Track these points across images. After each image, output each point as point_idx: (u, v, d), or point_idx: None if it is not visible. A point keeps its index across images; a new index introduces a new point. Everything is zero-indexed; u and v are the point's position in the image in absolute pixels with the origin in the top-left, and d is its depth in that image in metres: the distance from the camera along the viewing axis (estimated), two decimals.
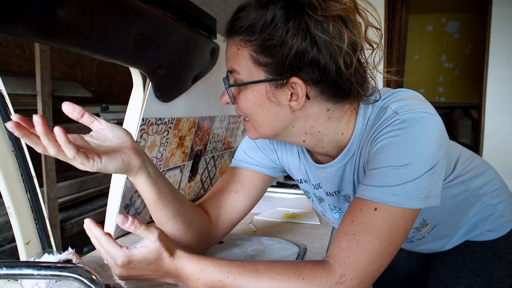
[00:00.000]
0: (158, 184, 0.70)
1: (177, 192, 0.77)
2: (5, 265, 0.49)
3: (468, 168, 0.87)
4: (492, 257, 0.92)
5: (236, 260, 0.65)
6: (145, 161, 0.67)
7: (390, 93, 0.73)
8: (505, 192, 0.94)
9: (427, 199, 0.62)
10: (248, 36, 0.66)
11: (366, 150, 0.70)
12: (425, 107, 0.66)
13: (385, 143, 0.64)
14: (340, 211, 0.87)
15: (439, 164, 0.63)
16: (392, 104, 0.69)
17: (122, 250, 0.62)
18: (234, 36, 0.68)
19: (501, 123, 3.05)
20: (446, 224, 0.89)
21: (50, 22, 0.59)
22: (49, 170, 2.00)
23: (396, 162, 0.61)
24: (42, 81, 1.92)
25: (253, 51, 0.66)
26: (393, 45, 3.17)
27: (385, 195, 0.61)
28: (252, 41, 0.66)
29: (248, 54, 0.67)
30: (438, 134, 0.64)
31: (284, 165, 0.91)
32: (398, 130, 0.63)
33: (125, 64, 0.84)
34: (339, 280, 0.59)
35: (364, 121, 0.73)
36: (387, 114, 0.68)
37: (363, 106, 0.73)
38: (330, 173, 0.80)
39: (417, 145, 0.61)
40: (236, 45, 0.68)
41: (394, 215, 0.60)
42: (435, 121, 0.64)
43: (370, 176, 0.64)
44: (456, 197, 0.85)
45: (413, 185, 0.61)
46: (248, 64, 0.67)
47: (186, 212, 0.78)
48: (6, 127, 0.80)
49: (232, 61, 0.69)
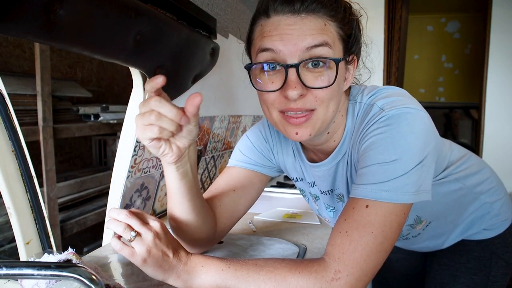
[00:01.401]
0: (194, 174, 0.73)
1: (198, 187, 0.77)
2: (5, 265, 0.49)
3: (464, 166, 0.87)
4: (489, 256, 0.92)
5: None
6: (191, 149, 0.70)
7: (376, 90, 0.74)
8: (501, 190, 0.94)
9: (418, 194, 0.63)
10: (333, 11, 0.66)
11: (356, 149, 0.71)
12: (410, 102, 0.67)
13: (373, 140, 0.65)
14: (334, 210, 0.88)
15: (428, 159, 0.64)
16: (378, 101, 0.70)
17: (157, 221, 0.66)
18: (316, 11, 0.65)
19: (501, 123, 3.04)
20: (442, 221, 0.89)
21: (50, 22, 0.58)
22: (49, 170, 2.00)
23: (384, 159, 0.62)
24: (42, 81, 1.92)
25: (339, 27, 0.67)
26: (393, 45, 3.17)
27: (376, 192, 0.61)
28: (337, 15, 0.67)
29: (334, 29, 0.67)
30: (425, 128, 0.64)
31: (280, 164, 0.91)
32: (385, 127, 0.64)
33: (125, 64, 0.84)
34: (334, 276, 0.59)
35: (353, 119, 0.74)
36: (374, 111, 0.69)
37: (351, 104, 0.75)
38: (323, 171, 0.81)
39: (403, 140, 0.62)
40: (322, 19, 0.65)
41: (386, 211, 0.61)
42: (421, 116, 0.65)
43: (360, 175, 0.65)
44: (452, 194, 0.86)
45: (403, 180, 0.61)
46: (335, 39, 0.67)
47: (204, 208, 0.79)
48: (5, 127, 0.81)
49: (322, 35, 0.64)
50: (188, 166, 0.71)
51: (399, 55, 3.24)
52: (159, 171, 1.18)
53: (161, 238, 0.64)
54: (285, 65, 0.64)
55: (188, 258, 0.66)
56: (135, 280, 0.79)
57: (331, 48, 0.64)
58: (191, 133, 0.65)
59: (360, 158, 0.67)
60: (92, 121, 2.30)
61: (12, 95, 1.45)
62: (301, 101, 0.65)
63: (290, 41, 0.63)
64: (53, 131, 1.99)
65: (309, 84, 0.64)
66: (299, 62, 0.63)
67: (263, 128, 0.92)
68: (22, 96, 1.96)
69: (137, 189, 1.09)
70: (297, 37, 0.63)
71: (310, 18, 0.64)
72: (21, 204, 0.83)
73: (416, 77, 5.23)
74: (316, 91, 0.65)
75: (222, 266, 0.64)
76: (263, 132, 0.91)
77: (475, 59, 4.79)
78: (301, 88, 0.64)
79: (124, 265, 0.88)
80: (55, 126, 2.01)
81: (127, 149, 1.00)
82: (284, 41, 0.63)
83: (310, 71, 0.65)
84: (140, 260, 0.61)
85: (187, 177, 0.71)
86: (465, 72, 5.18)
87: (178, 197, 0.73)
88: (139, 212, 0.67)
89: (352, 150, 0.74)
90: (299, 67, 0.63)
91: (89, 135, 2.71)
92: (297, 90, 0.63)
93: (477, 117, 3.90)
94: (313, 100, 0.65)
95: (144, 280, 0.78)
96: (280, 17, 0.65)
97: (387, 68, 3.13)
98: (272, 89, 0.66)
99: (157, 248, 0.63)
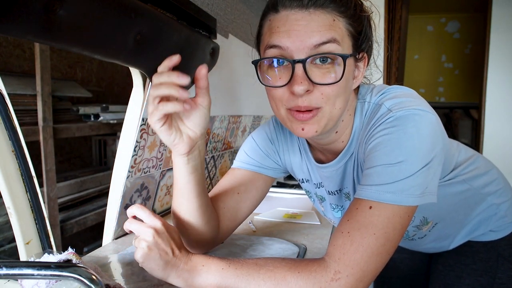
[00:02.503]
0: (203, 171, 0.74)
1: (204, 184, 0.78)
2: (5, 265, 0.49)
3: (471, 167, 0.87)
4: (495, 258, 0.91)
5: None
6: (200, 145, 0.72)
7: (385, 89, 0.74)
8: (509, 192, 0.93)
9: (423, 196, 0.62)
10: (343, 7, 0.65)
11: (362, 149, 0.71)
12: (419, 104, 0.66)
13: (379, 141, 0.65)
14: (342, 209, 0.87)
15: (435, 161, 0.63)
16: (387, 102, 0.69)
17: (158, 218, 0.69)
18: (324, 6, 0.64)
19: (501, 123, 3.04)
20: (449, 223, 0.89)
21: (50, 22, 0.58)
22: (49, 170, 2.00)
23: (390, 160, 0.62)
24: (42, 81, 1.92)
25: (349, 24, 0.66)
26: (393, 45, 3.17)
27: (380, 193, 0.61)
28: (347, 11, 0.66)
29: (344, 25, 0.66)
30: (432, 130, 0.64)
31: (286, 165, 0.91)
32: (391, 128, 0.64)
33: (125, 64, 0.84)
34: (334, 277, 0.59)
35: (361, 119, 0.74)
36: (381, 112, 0.68)
37: (360, 104, 0.74)
38: (331, 172, 0.80)
39: (410, 142, 0.62)
40: (331, 15, 0.64)
41: (390, 213, 0.60)
42: (429, 118, 0.64)
43: (365, 176, 0.65)
44: (459, 195, 0.85)
45: (408, 182, 0.60)
46: (344, 35, 0.66)
47: (209, 208, 0.79)
48: (5, 127, 0.81)
49: (331, 31, 0.63)
50: (198, 161, 0.72)
51: (399, 55, 3.24)
52: (159, 171, 1.18)
53: (161, 236, 0.65)
54: (292, 60, 0.63)
55: (189, 258, 0.66)
56: (135, 280, 0.79)
57: (339, 45, 0.64)
58: (202, 118, 0.67)
59: (366, 158, 0.67)
60: (92, 121, 2.30)
61: (12, 95, 1.45)
62: (307, 98, 0.64)
63: (297, 38, 0.63)
64: (53, 131, 1.99)
65: (316, 80, 0.64)
66: (306, 57, 0.63)
67: (268, 129, 0.91)
68: (22, 96, 1.96)
69: (137, 189, 1.09)
70: (304, 33, 0.62)
71: (318, 13, 0.63)
72: (21, 204, 0.83)
73: (416, 77, 5.23)
74: (323, 88, 0.64)
75: (223, 265, 0.64)
76: (268, 133, 0.91)
77: (475, 59, 4.80)
78: (308, 84, 0.63)
79: (124, 265, 0.88)
80: (55, 126, 2.01)
81: (127, 149, 1.00)
82: (292, 37, 0.63)
83: (318, 67, 0.64)
84: (140, 258, 0.63)
85: (196, 172, 0.72)
86: (465, 72, 5.18)
87: (185, 192, 0.73)
88: (141, 208, 0.70)
89: (359, 149, 0.73)
90: (306, 63, 0.63)
91: (89, 135, 2.71)
92: (303, 86, 0.63)
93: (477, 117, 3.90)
94: (319, 97, 0.65)
95: (144, 280, 0.78)
96: (288, 11, 0.64)
97: (387, 68, 3.13)
98: (279, 85, 0.66)
99: (157, 247, 0.63)
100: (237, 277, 0.62)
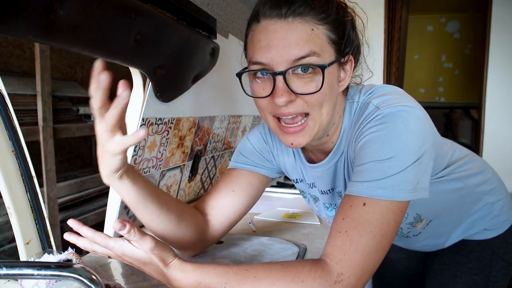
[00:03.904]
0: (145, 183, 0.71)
1: (160, 193, 0.76)
2: (5, 265, 0.49)
3: (465, 166, 0.87)
4: (490, 256, 0.92)
5: (234, 265, 0.63)
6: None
7: (373, 89, 0.75)
8: (503, 191, 0.95)
9: (415, 191, 0.62)
10: (323, 13, 0.65)
11: (352, 147, 0.72)
12: (406, 100, 0.67)
13: (368, 138, 0.65)
14: (335, 207, 0.88)
15: (425, 156, 0.64)
16: (374, 100, 0.70)
17: (117, 243, 0.61)
18: (303, 15, 0.64)
19: (501, 123, 3.04)
20: (443, 221, 0.89)
21: (50, 22, 0.59)
22: (49, 170, 2.00)
23: (380, 156, 0.62)
24: (42, 81, 1.92)
25: (329, 30, 0.66)
26: (393, 45, 3.17)
27: (372, 190, 0.61)
28: (327, 18, 0.66)
29: (324, 33, 0.66)
30: (421, 126, 0.64)
31: (280, 166, 0.91)
32: (380, 125, 0.64)
33: (125, 64, 0.84)
34: (337, 279, 0.59)
35: (350, 118, 0.75)
36: (369, 110, 0.69)
37: (348, 104, 0.75)
38: (322, 172, 0.81)
39: (399, 138, 0.62)
40: (309, 24, 0.64)
41: (383, 209, 0.61)
42: (416, 114, 0.65)
43: (356, 173, 0.65)
44: (453, 193, 0.86)
45: (399, 177, 0.61)
46: (324, 43, 0.66)
47: (172, 212, 0.77)
48: (5, 127, 0.81)
49: (309, 44, 0.64)
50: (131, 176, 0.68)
51: (399, 55, 3.24)
52: (159, 171, 1.18)
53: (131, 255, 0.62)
54: (273, 72, 0.65)
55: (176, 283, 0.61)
56: (135, 280, 0.79)
57: (318, 56, 0.65)
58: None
59: (356, 156, 0.68)
60: (92, 121, 2.30)
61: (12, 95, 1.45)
62: (292, 106, 0.66)
63: (276, 52, 0.64)
64: (53, 131, 2.00)
65: (297, 90, 0.65)
66: (286, 69, 0.64)
67: (263, 130, 0.92)
68: (22, 96, 1.96)
69: None
70: (282, 48, 0.63)
71: (296, 23, 0.64)
72: (21, 204, 0.83)
73: (416, 77, 5.22)
74: (306, 97, 0.66)
75: (216, 284, 0.60)
76: (263, 134, 0.92)
77: (475, 59, 4.79)
78: (289, 95, 0.65)
79: (124, 265, 0.88)
80: (55, 126, 2.01)
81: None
82: (271, 52, 0.64)
83: (299, 77, 0.65)
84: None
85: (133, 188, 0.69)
86: (465, 72, 5.18)
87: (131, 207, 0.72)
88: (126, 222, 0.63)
89: (349, 148, 0.74)
90: (285, 75, 0.64)
91: (89, 135, 2.70)
92: (284, 98, 0.64)
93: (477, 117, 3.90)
94: (304, 105, 0.67)
95: (144, 280, 0.78)
96: (268, 21, 0.65)
97: (387, 68, 3.13)
98: (263, 95, 0.68)
99: (134, 261, 0.62)
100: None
